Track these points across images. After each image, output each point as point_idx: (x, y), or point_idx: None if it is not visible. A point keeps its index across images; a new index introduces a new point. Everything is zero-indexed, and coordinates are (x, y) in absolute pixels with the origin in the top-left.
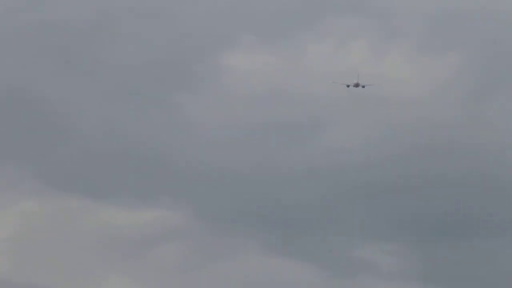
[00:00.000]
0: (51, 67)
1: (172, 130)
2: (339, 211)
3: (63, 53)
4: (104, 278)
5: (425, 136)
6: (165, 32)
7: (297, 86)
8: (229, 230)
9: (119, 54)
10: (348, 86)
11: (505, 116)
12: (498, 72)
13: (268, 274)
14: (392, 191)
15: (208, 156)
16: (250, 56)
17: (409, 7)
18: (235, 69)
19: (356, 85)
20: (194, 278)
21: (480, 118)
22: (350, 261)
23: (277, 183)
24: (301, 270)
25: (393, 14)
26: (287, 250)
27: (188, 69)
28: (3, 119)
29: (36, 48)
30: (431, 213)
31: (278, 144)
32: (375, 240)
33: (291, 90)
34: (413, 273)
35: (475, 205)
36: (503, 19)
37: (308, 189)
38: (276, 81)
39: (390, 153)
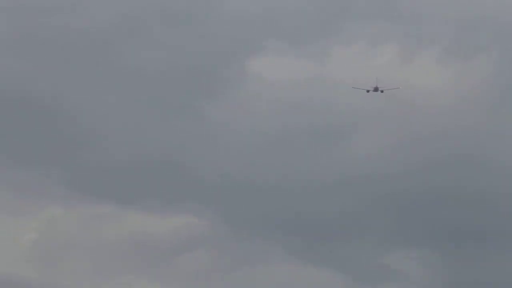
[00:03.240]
0: (77, 74)
1: (198, 136)
2: (364, 218)
3: (89, 59)
4: (130, 284)
5: (452, 145)
6: (191, 38)
7: (323, 93)
8: (255, 237)
9: (145, 60)
10: (368, 91)
11: None
12: None
13: (293, 281)
14: (418, 199)
15: (234, 163)
16: (276, 62)
17: (438, 12)
18: (261, 75)
19: (376, 89)
20: (220, 284)
21: (508, 127)
22: (376, 268)
23: (303, 190)
24: (326, 277)
25: (422, 18)
26: (313, 257)
27: (214, 75)
28: (30, 125)
29: (62, 54)
30: (457, 220)
31: (304, 151)
32: (400, 247)
33: (318, 97)
34: (439, 280)
35: (503, 214)
36: None
37: (334, 197)
38: (302, 88)
39: (417, 161)
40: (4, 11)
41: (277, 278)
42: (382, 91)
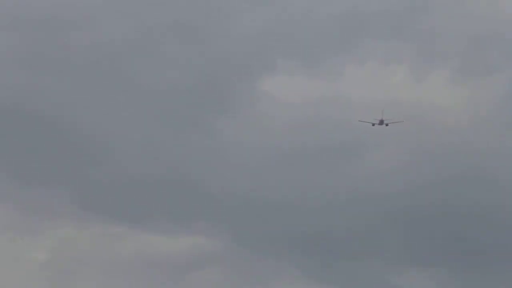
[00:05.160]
0: (87, 91)
1: (209, 155)
2: (377, 237)
3: (101, 77)
4: None
5: (464, 163)
6: (203, 56)
7: (335, 112)
8: (267, 256)
9: (156, 77)
10: (373, 125)
11: None
12: None
13: None
14: (431, 217)
15: (245, 182)
16: (288, 80)
17: (451, 31)
18: (273, 94)
19: (381, 123)
20: None
21: None
22: (388, 287)
23: (314, 208)
24: None
25: (434, 37)
26: (326, 276)
27: (226, 93)
28: (41, 145)
29: (74, 71)
30: (469, 239)
31: (315, 170)
32: (413, 266)
33: (329, 115)
34: None
35: None
36: None
37: (346, 215)
38: (314, 107)
39: (428, 180)
40: (18, 28)
41: None
42: (387, 125)
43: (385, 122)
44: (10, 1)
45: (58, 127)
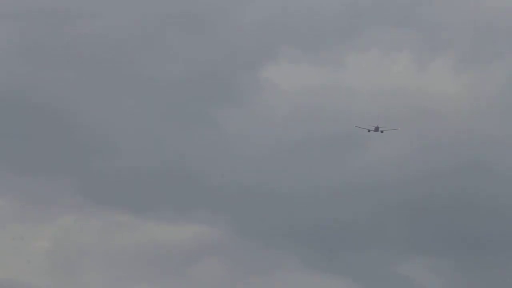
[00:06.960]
0: (91, 82)
1: (211, 145)
2: (380, 227)
3: (104, 68)
4: None
5: (467, 152)
6: (205, 47)
7: (338, 100)
8: (268, 245)
9: (159, 69)
10: (369, 131)
11: None
12: None
13: None
14: (434, 207)
15: (247, 172)
16: (291, 69)
17: (454, 19)
18: (275, 83)
19: (376, 129)
20: None
21: None
22: (390, 277)
23: (316, 198)
24: (339, 286)
25: (437, 25)
26: (326, 266)
27: (229, 84)
28: (44, 135)
29: (77, 63)
30: (472, 228)
31: (317, 160)
32: (416, 256)
33: (332, 104)
34: None
35: None
36: None
37: (348, 205)
38: (317, 96)
39: (433, 169)
40: (21, 18)
41: (290, 286)
42: (382, 132)
43: (380, 129)
44: None
45: (62, 117)
